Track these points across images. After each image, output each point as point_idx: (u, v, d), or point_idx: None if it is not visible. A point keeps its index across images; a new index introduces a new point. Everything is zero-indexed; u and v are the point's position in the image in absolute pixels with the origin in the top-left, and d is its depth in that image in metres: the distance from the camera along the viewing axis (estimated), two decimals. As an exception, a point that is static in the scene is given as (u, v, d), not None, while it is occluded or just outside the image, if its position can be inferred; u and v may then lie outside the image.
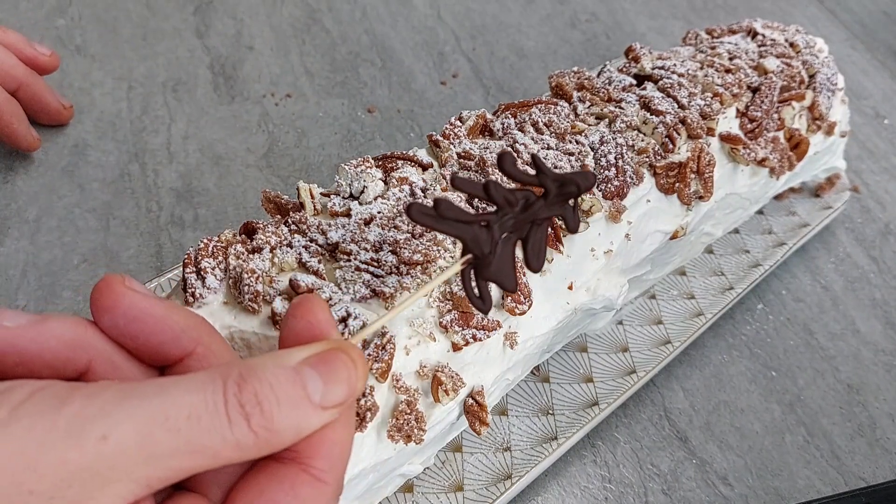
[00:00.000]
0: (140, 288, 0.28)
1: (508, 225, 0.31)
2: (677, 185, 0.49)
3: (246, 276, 0.36)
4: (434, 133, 0.46)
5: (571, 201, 0.32)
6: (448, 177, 0.37)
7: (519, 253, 0.37)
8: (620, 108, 0.50)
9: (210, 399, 0.24)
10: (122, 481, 0.22)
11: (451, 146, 0.45)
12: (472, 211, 0.32)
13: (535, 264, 0.33)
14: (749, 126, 0.53)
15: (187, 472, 0.24)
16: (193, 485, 0.27)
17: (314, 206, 0.41)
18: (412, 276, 0.37)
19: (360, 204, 0.41)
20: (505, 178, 0.38)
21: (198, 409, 0.23)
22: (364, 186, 0.41)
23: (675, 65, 0.53)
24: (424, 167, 0.44)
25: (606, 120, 0.49)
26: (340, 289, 0.36)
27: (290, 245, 0.38)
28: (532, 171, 0.30)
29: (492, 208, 0.31)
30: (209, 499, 0.27)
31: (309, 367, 0.26)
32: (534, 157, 0.30)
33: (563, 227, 0.30)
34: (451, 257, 0.39)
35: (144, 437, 0.22)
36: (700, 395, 0.52)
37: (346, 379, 0.26)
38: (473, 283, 0.32)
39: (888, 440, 0.51)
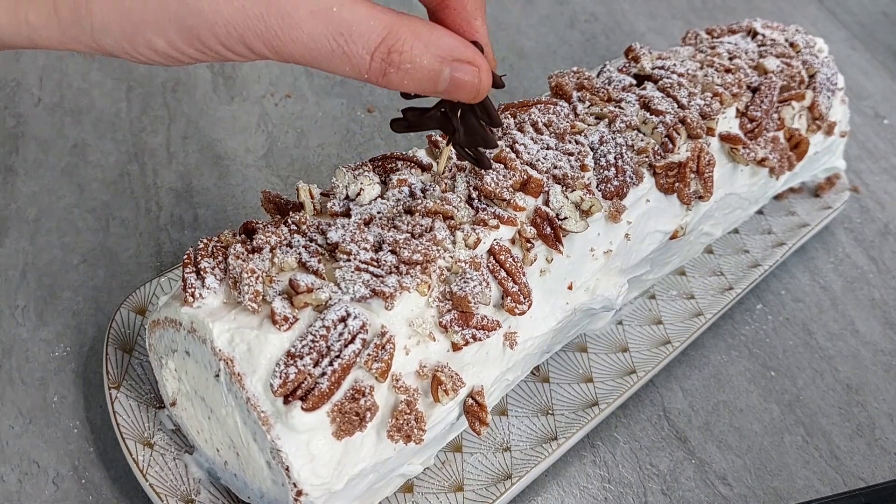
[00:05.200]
0: None
1: (456, 103, 0.37)
2: (677, 184, 0.49)
3: (246, 275, 0.36)
4: (433, 133, 0.46)
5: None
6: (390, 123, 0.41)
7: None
8: (620, 108, 0.50)
9: (375, 38, 0.31)
10: None
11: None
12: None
13: (494, 120, 0.38)
14: (749, 126, 0.53)
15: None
16: None
17: (314, 207, 0.41)
18: (412, 276, 0.37)
19: (358, 206, 0.41)
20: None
21: (361, 36, 0.31)
22: (361, 189, 0.41)
23: (674, 65, 0.53)
24: (424, 168, 0.44)
25: (606, 120, 0.49)
26: (340, 289, 0.36)
27: (289, 245, 0.38)
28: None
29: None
30: None
31: (449, 67, 0.33)
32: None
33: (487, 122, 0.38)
34: (451, 257, 0.39)
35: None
36: (699, 396, 0.52)
37: (468, 89, 0.34)
38: (467, 151, 0.40)
39: (887, 440, 0.51)
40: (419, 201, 0.40)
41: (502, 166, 0.43)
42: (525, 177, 0.42)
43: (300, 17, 0.30)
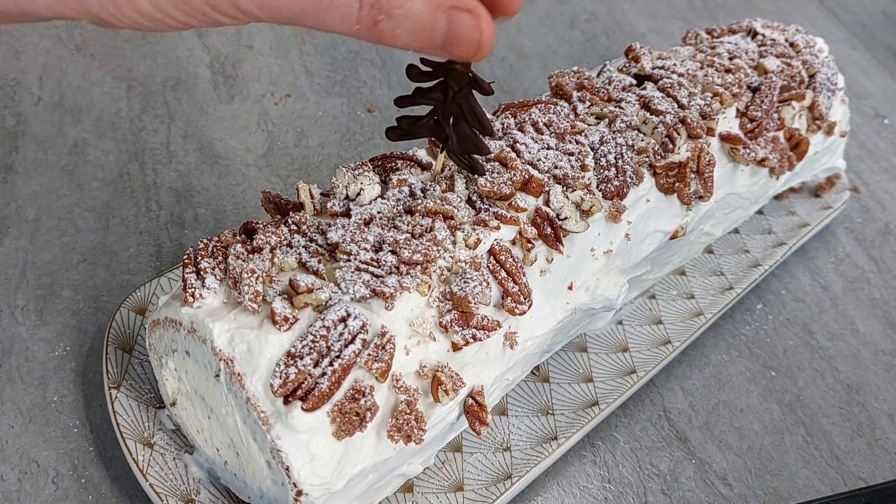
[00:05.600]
0: None
1: (447, 112, 0.38)
2: (677, 184, 0.49)
3: (246, 276, 0.36)
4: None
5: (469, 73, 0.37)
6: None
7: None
8: (620, 107, 0.50)
9: None
10: None
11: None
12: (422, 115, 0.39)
13: (486, 128, 0.38)
14: (749, 126, 0.53)
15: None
16: None
17: (314, 207, 0.41)
18: (412, 276, 0.37)
19: (358, 206, 0.41)
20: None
21: None
22: (361, 188, 0.41)
23: (674, 65, 0.53)
24: (424, 167, 0.44)
25: (606, 120, 0.49)
26: (340, 289, 0.36)
27: (289, 245, 0.38)
28: (427, 69, 0.37)
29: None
30: None
31: (445, 15, 0.30)
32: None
33: (479, 91, 0.37)
34: (451, 257, 0.39)
35: None
36: (699, 395, 0.52)
37: (467, 43, 0.31)
38: (460, 158, 0.40)
39: (887, 440, 0.51)
40: (419, 201, 0.40)
41: (498, 164, 0.43)
42: (526, 176, 0.42)
43: None
